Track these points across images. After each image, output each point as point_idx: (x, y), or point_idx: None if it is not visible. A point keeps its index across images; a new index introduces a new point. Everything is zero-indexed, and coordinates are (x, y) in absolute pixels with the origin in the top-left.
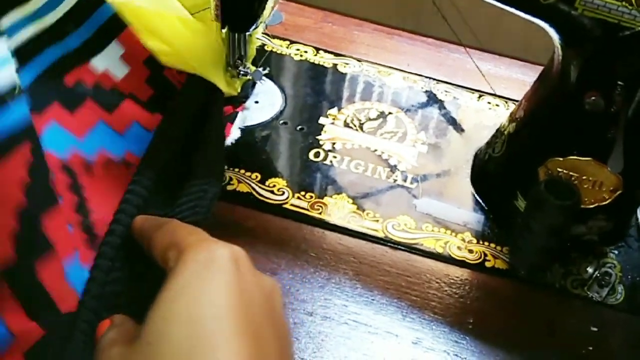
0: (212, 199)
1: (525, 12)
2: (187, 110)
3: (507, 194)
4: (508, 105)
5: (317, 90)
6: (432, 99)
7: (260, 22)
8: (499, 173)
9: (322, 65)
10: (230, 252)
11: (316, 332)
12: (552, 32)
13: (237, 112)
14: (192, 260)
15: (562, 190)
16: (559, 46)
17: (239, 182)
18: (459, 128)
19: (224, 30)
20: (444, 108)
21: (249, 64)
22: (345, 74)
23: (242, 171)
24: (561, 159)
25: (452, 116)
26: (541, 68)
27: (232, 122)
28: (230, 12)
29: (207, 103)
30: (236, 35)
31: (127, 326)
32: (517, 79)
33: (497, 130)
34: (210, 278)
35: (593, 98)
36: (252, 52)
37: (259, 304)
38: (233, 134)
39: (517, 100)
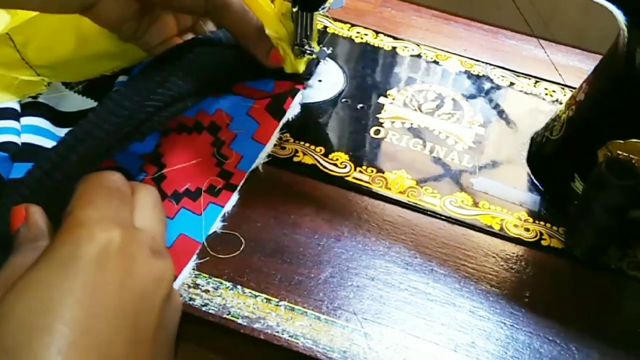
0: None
1: None
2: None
3: (564, 176)
4: (565, 92)
5: (377, 72)
6: (489, 84)
7: (328, 4)
8: (557, 155)
9: (382, 48)
10: (99, 247)
11: (378, 295)
12: (618, 13)
13: (298, 89)
14: (57, 251)
15: (623, 171)
16: (625, 28)
17: (304, 154)
18: (515, 112)
19: (294, 9)
20: (501, 92)
21: (314, 44)
22: (404, 56)
23: (307, 144)
24: (622, 141)
25: (508, 100)
26: (598, 56)
27: (292, 97)
28: None
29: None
30: (305, 14)
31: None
32: (574, 67)
33: (556, 114)
34: (62, 280)
35: None
36: (315, 33)
37: (119, 310)
38: (294, 109)
39: (573, 87)
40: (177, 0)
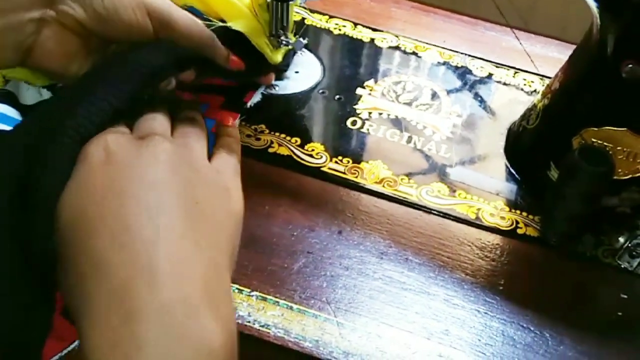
0: None
1: None
2: None
3: (540, 165)
4: (543, 82)
5: (355, 63)
6: (468, 74)
7: None
8: (533, 144)
9: (360, 40)
10: (94, 146)
11: (351, 285)
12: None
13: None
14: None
15: (596, 158)
16: (597, 14)
17: (280, 145)
18: (493, 103)
19: (268, 0)
20: (479, 83)
21: (290, 35)
22: (383, 48)
23: (283, 135)
24: (596, 129)
25: (487, 91)
26: None
27: (254, 90)
28: None
29: None
30: (279, 4)
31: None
32: (552, 57)
33: (532, 103)
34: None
35: (630, 66)
36: (291, 24)
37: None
38: (254, 99)
39: (551, 78)
40: (121, 26)
